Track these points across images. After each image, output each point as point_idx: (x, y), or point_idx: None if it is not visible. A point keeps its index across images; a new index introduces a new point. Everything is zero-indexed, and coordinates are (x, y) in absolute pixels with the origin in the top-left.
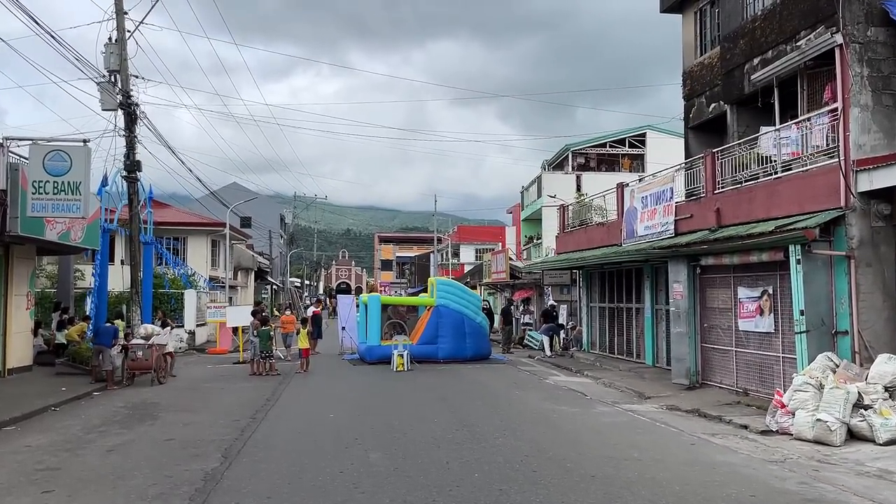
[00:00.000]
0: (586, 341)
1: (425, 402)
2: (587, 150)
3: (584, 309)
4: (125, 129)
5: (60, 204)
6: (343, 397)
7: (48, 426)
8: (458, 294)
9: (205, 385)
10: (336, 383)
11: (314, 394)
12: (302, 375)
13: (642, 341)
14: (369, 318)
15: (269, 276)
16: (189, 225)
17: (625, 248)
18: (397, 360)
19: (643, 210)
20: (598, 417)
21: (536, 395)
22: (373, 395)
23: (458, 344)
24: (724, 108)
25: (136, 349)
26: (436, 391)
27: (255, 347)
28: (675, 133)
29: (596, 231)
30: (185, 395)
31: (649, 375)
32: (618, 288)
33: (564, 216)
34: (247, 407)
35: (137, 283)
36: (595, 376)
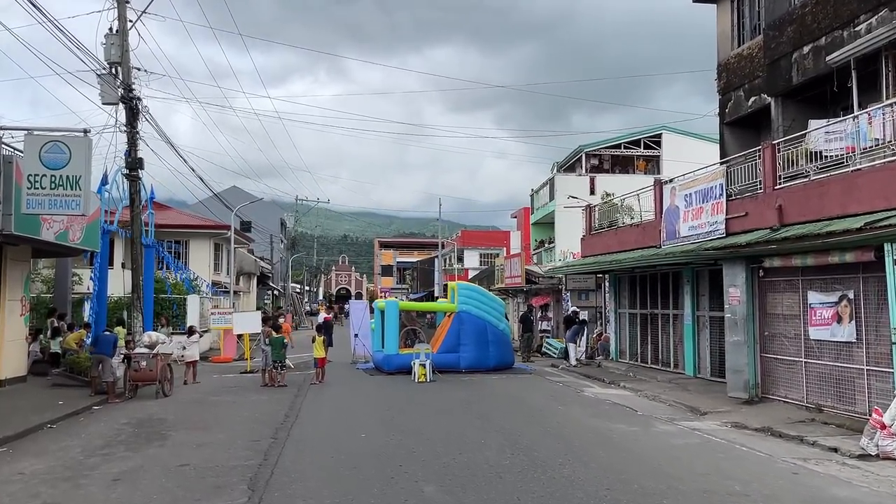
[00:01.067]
0: (614, 350)
1: (464, 420)
2: (601, 151)
3: (611, 315)
4: (126, 124)
5: (59, 200)
6: (370, 413)
7: (44, 447)
8: (480, 299)
9: (213, 398)
10: (358, 396)
11: (337, 409)
12: (318, 387)
13: (681, 350)
14: (387, 326)
15: (271, 282)
16: (191, 227)
17: (665, 250)
18: (419, 370)
19: (686, 209)
20: (665, 438)
21: (582, 411)
22: (402, 410)
23: (481, 352)
24: (766, 102)
25: (139, 359)
26: (471, 406)
27: (268, 356)
28: (691, 134)
29: (629, 232)
30: (193, 410)
31: (694, 387)
32: (651, 293)
33: (591, 217)
34: (265, 424)
35: (139, 287)
36: (634, 388)
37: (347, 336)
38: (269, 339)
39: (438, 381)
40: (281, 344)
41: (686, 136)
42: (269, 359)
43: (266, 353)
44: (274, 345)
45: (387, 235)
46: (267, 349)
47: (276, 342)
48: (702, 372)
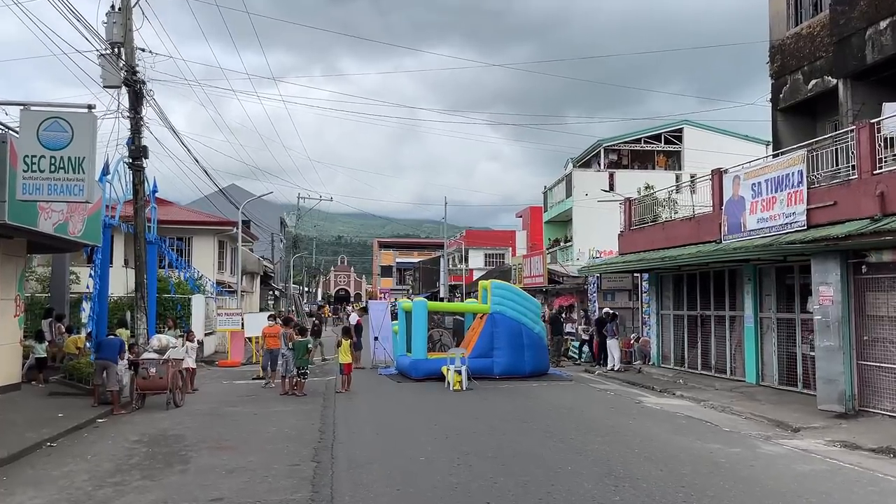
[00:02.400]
0: (655, 354)
1: (531, 438)
2: (620, 146)
3: (652, 317)
4: (130, 109)
5: (59, 185)
6: (416, 429)
7: (43, 474)
8: (515, 300)
9: (230, 409)
10: (394, 408)
11: (377, 424)
12: (345, 396)
13: (740, 355)
14: (414, 328)
15: (273, 282)
16: (195, 224)
17: (731, 245)
18: (454, 377)
19: (754, 199)
20: (782, 463)
21: (657, 426)
22: (452, 425)
23: (516, 357)
24: (830, 84)
25: (148, 365)
26: (528, 421)
27: (289, 362)
28: (714, 129)
29: (679, 227)
30: (212, 424)
31: (763, 397)
32: (702, 293)
33: (630, 212)
34: (299, 443)
35: (143, 286)
36: (694, 398)
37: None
38: (293, 344)
39: (475, 389)
40: (305, 349)
41: (709, 130)
42: (290, 365)
43: (287, 358)
44: (297, 349)
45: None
46: (289, 354)
47: (300, 347)
48: (766, 380)
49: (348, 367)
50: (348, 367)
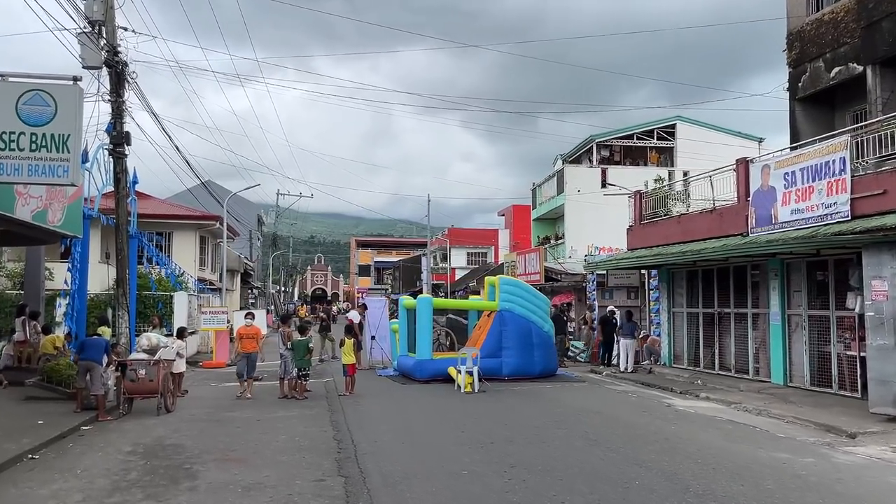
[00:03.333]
0: (667, 354)
1: (577, 447)
2: (612, 141)
3: (663, 315)
4: (111, 92)
5: (41, 165)
6: (443, 436)
7: (29, 493)
8: (524, 296)
9: (228, 414)
10: (408, 412)
11: (396, 430)
12: (350, 399)
13: (764, 355)
14: (419, 327)
15: (252, 280)
16: (176, 218)
17: (759, 237)
18: (465, 378)
19: (788, 189)
20: (875, 476)
21: (702, 431)
22: (483, 433)
23: (526, 357)
24: (855, 72)
25: (137, 366)
26: (564, 426)
27: (288, 363)
28: (707, 125)
29: (698, 220)
30: (212, 432)
31: (797, 399)
32: (719, 289)
33: (640, 205)
34: (317, 453)
35: (125, 281)
36: (722, 400)
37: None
38: (292, 343)
39: (488, 391)
40: (305, 348)
41: (702, 126)
42: (289, 366)
43: (286, 359)
44: (297, 349)
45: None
46: (288, 355)
47: (300, 346)
48: (794, 380)
49: (352, 369)
50: (352, 369)
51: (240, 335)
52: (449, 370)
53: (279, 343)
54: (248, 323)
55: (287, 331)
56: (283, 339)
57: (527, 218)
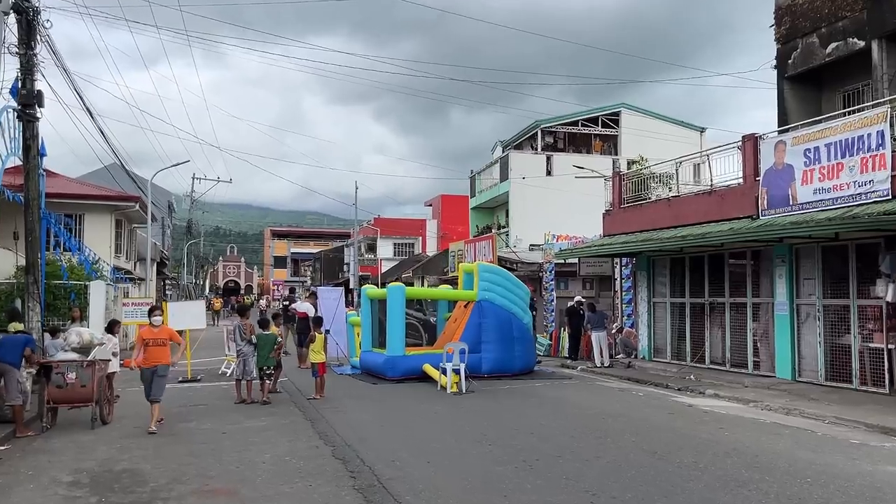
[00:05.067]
0: (646, 347)
1: (641, 462)
2: (557, 127)
3: (642, 305)
4: (20, 43)
5: None
6: (466, 449)
7: None
8: (505, 285)
9: (184, 425)
10: (404, 419)
11: (403, 442)
12: (325, 404)
13: (766, 348)
14: (390, 319)
15: (166, 270)
16: (88, 199)
17: (776, 220)
18: (451, 377)
19: (809, 167)
20: None
21: (751, 435)
22: (510, 444)
23: (506, 352)
24: (855, 47)
25: (65, 369)
26: (599, 434)
27: (247, 362)
28: (651, 113)
29: (692, 203)
30: (171, 450)
31: (819, 395)
32: (711, 278)
33: (619, 189)
34: (322, 479)
35: (37, 267)
36: (734, 397)
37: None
38: (256, 338)
39: (477, 391)
40: (273, 344)
41: (646, 114)
42: (249, 365)
43: (246, 357)
44: (262, 345)
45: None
46: (248, 351)
47: (267, 342)
48: (804, 375)
49: (322, 368)
50: (322, 368)
51: (142, 341)
52: (424, 368)
53: (236, 338)
54: (156, 322)
55: (248, 324)
56: (243, 333)
57: (457, 208)
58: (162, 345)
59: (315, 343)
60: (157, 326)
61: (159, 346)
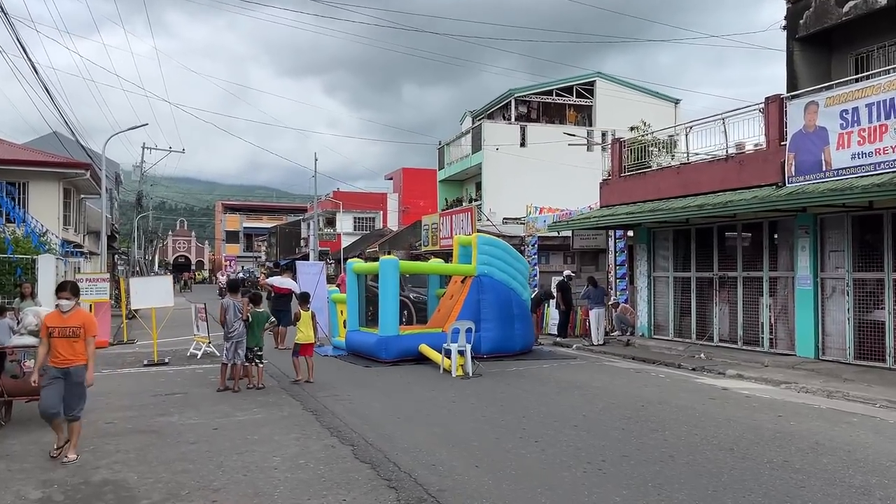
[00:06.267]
0: (646, 324)
1: (723, 461)
2: (532, 97)
3: (641, 280)
4: None
5: None
6: (518, 449)
7: None
8: (505, 259)
9: (163, 419)
10: (424, 411)
11: (437, 440)
12: (323, 391)
13: (784, 324)
14: (383, 296)
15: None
16: (34, 165)
17: (808, 188)
18: (456, 359)
19: (846, 130)
20: None
21: (818, 425)
22: (558, 439)
23: (506, 331)
24: (875, 6)
25: (21, 355)
26: (651, 424)
27: (239, 343)
28: (626, 83)
29: (705, 170)
30: (158, 453)
31: (854, 375)
32: (720, 251)
33: (620, 156)
34: (356, 490)
35: None
36: (761, 377)
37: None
38: (250, 317)
39: (486, 375)
40: (265, 322)
41: (622, 85)
42: (239, 347)
43: (239, 338)
44: (256, 324)
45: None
46: (242, 331)
47: (261, 320)
48: (828, 353)
49: (309, 349)
50: (309, 349)
51: (46, 330)
52: (421, 349)
53: (230, 318)
54: (65, 307)
55: (244, 301)
56: (238, 312)
57: (419, 181)
58: (73, 337)
59: (301, 321)
60: (66, 312)
61: (69, 338)
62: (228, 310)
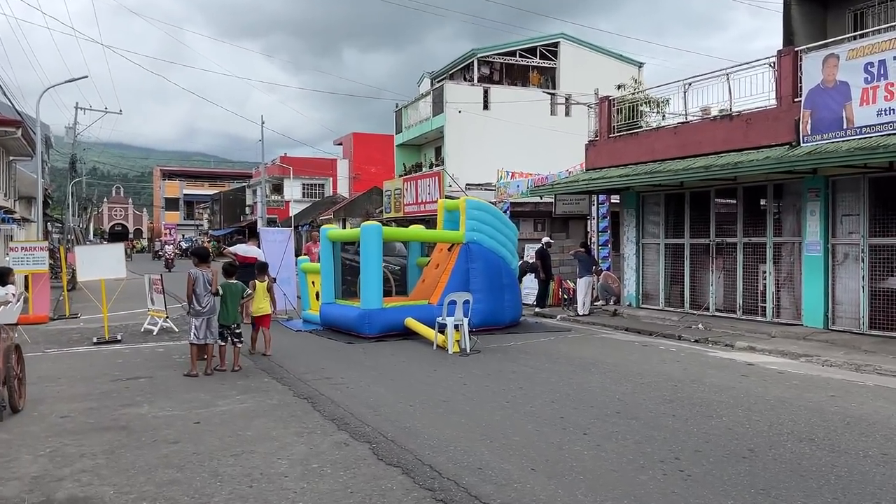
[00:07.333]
0: (634, 293)
1: (776, 445)
2: (495, 57)
3: (629, 247)
4: None
5: None
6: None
7: None
8: (494, 224)
9: (131, 410)
10: (425, 394)
11: (471, 434)
12: (307, 373)
13: (789, 293)
14: (366, 265)
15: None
16: None
17: (829, 147)
18: (453, 335)
19: (873, 84)
20: None
21: (878, 406)
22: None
23: (496, 303)
24: None
25: None
26: (685, 404)
27: (207, 319)
28: (591, 46)
29: (707, 129)
30: (134, 458)
31: (875, 347)
32: (720, 216)
33: (609, 115)
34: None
35: None
36: (775, 349)
37: None
38: (222, 288)
39: (484, 351)
40: (240, 296)
41: (586, 47)
42: (211, 324)
43: (209, 313)
44: (228, 296)
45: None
46: (212, 306)
47: (235, 293)
48: (839, 322)
49: (266, 321)
50: (266, 321)
51: None
52: (407, 322)
53: (199, 291)
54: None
55: (214, 272)
56: (208, 284)
57: (370, 146)
58: None
59: (258, 291)
60: None
61: None
62: (197, 282)
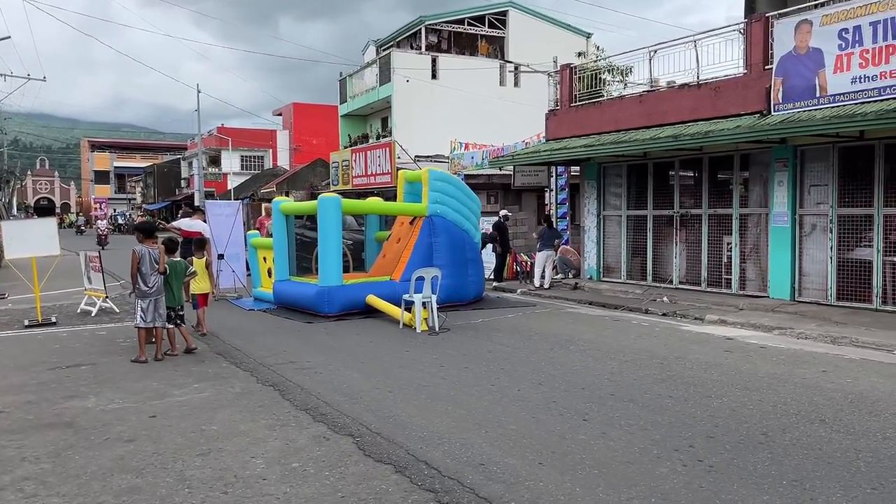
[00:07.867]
0: (595, 266)
1: (790, 428)
2: (443, 25)
3: (589, 219)
4: None
5: None
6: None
7: None
8: (458, 197)
9: (75, 403)
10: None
11: (465, 425)
12: (269, 356)
13: (756, 264)
14: (324, 239)
15: None
16: None
17: (804, 115)
18: (421, 313)
19: (845, 51)
20: None
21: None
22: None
23: (460, 278)
24: None
25: None
26: (679, 385)
27: (155, 300)
28: (540, 15)
29: (673, 98)
30: (86, 461)
31: (844, 318)
32: (684, 187)
33: (570, 84)
34: None
35: None
36: (746, 322)
37: None
38: (168, 266)
39: (453, 329)
40: (184, 273)
41: (535, 17)
42: (159, 305)
43: (156, 294)
44: (172, 275)
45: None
46: (159, 286)
47: (179, 270)
48: (806, 294)
49: (204, 299)
50: (204, 299)
51: None
52: (369, 300)
53: (146, 270)
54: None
55: (161, 248)
56: (155, 262)
57: (311, 117)
58: None
59: (196, 268)
60: None
61: None
62: (143, 260)
